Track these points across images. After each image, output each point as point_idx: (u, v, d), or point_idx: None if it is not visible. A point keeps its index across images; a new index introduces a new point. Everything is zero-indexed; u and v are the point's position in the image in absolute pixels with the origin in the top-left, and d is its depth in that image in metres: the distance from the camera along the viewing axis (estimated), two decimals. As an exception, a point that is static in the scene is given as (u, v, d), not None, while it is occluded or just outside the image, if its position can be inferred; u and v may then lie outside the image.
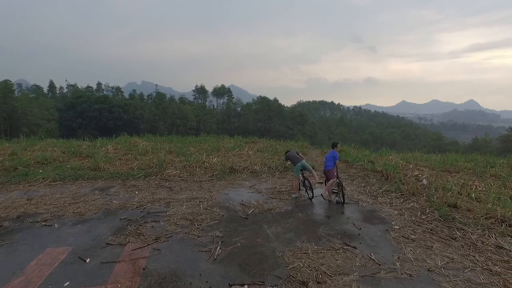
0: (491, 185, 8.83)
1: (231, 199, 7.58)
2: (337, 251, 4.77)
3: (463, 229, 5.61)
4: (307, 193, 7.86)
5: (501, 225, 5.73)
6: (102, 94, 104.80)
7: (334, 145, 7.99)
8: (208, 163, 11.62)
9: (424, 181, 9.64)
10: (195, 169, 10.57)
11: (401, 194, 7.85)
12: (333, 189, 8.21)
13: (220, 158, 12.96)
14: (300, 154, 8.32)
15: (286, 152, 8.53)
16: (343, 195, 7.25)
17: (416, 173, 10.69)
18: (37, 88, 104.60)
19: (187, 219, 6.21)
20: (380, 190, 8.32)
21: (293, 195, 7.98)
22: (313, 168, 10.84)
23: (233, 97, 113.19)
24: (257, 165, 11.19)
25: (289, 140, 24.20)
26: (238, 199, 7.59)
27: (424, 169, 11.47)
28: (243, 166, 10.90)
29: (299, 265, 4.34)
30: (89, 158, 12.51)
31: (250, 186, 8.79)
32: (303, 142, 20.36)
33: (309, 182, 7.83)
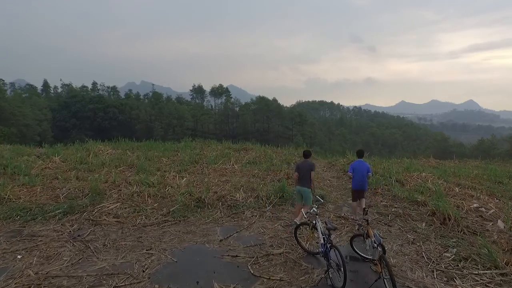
0: None
1: (177, 278, 4.06)
2: None
3: None
4: (329, 272, 4.01)
5: None
6: (97, 94, 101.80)
7: None
8: (172, 186, 8.15)
9: (500, 224, 6.15)
10: (146, 200, 7.05)
11: (500, 274, 4.16)
12: (373, 266, 4.49)
13: (193, 176, 9.49)
14: (313, 172, 5.78)
15: (303, 152, 6.13)
16: (391, 275, 3.62)
17: (475, 205, 7.20)
18: (30, 88, 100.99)
19: None
20: (448, 256, 4.73)
21: (294, 220, 5.83)
22: (322, 198, 7.35)
23: (231, 97, 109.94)
24: (240, 191, 7.66)
25: (287, 146, 20.70)
26: (190, 278, 4.06)
27: (481, 196, 7.97)
28: (220, 194, 7.38)
29: None
30: (16, 176, 9.09)
31: (220, 240, 5.24)
32: (305, 148, 16.77)
33: (338, 251, 3.87)
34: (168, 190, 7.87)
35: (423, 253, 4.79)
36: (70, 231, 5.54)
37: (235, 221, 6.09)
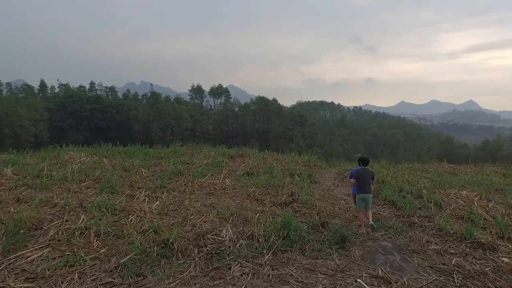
0: None
1: None
2: None
3: None
4: None
5: None
6: (95, 94, 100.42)
7: None
8: (138, 214, 6.01)
9: None
10: (91, 242, 4.88)
11: None
12: None
13: (171, 196, 7.35)
14: (374, 180, 6.06)
15: (358, 159, 6.06)
16: None
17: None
18: (27, 88, 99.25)
19: None
20: None
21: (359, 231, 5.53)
22: (346, 239, 5.26)
23: (230, 97, 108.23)
24: (228, 224, 5.50)
25: (289, 150, 18.58)
26: None
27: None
28: (199, 230, 5.22)
29: None
30: None
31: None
32: (310, 155, 14.58)
33: None
34: (131, 221, 5.72)
35: None
36: None
37: (215, 284, 3.90)
